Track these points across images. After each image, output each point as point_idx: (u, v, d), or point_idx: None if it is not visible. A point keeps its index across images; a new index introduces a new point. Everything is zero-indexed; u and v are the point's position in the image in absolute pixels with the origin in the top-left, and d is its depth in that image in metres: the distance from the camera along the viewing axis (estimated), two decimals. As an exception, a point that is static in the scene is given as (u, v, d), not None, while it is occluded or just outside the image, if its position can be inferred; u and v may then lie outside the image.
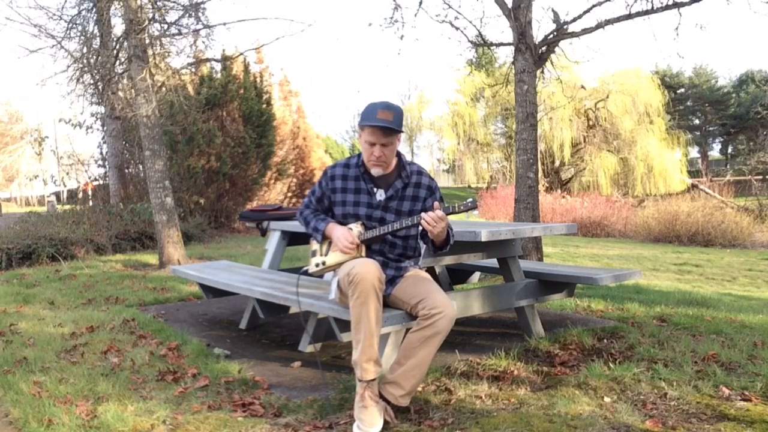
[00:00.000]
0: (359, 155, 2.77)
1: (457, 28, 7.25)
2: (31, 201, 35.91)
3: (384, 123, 2.56)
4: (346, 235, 2.64)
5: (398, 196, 2.73)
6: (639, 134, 24.48)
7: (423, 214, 2.52)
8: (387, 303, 2.74)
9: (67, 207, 13.04)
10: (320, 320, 3.53)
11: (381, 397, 2.49)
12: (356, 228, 2.68)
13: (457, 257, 3.57)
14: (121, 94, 9.97)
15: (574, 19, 6.50)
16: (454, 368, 3.13)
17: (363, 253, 2.66)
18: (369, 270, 2.44)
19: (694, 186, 23.29)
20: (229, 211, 13.70)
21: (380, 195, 2.73)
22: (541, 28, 19.17)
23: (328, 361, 3.41)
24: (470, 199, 2.52)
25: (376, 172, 2.70)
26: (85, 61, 9.06)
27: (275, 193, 16.14)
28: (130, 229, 9.68)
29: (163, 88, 8.03)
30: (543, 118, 23.35)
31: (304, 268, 2.99)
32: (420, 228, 2.74)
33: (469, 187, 33.06)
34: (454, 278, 4.82)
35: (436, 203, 2.55)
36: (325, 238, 2.76)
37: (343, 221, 2.76)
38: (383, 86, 76.21)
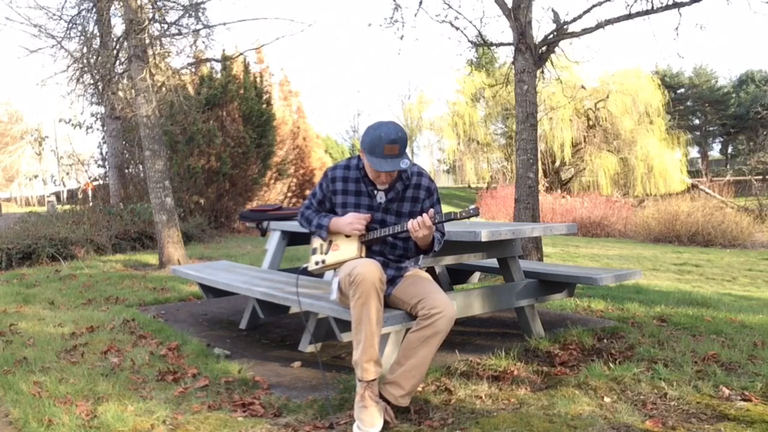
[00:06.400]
0: (359, 157, 2.76)
1: (457, 28, 7.26)
2: (31, 201, 35.94)
3: (392, 166, 2.51)
4: (350, 218, 2.64)
5: (399, 198, 2.73)
6: (639, 134, 24.47)
7: (411, 220, 2.52)
8: (387, 303, 2.74)
9: (67, 207, 13.04)
10: (320, 320, 3.53)
11: (381, 397, 2.49)
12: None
13: (457, 257, 3.57)
14: (121, 94, 9.97)
15: (574, 19, 6.50)
16: (454, 368, 3.13)
17: (363, 254, 2.66)
18: (370, 270, 2.44)
19: (694, 186, 23.29)
20: (229, 211, 13.70)
21: (381, 197, 2.73)
22: (541, 28, 19.21)
23: (328, 361, 3.41)
24: (472, 207, 2.52)
25: (383, 187, 2.70)
26: (85, 61, 9.06)
27: (275, 193, 16.14)
28: (130, 229, 9.68)
29: (163, 88, 8.04)
30: (543, 118, 23.34)
31: (304, 266, 2.99)
32: None
33: (469, 187, 33.04)
34: (454, 278, 4.82)
35: (431, 210, 2.55)
36: (330, 233, 2.75)
37: None
38: (383, 86, 76.18)
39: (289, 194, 17.50)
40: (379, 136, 2.52)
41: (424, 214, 2.51)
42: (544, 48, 6.53)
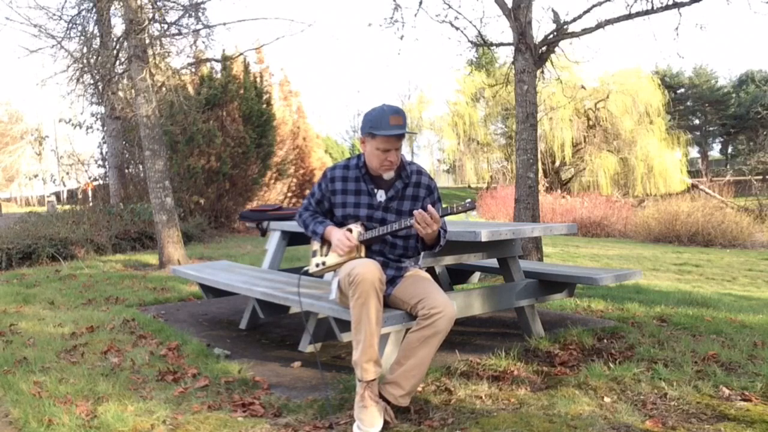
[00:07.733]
0: (359, 156, 2.76)
1: (457, 28, 7.26)
2: (31, 201, 35.95)
3: (400, 130, 2.56)
4: (343, 239, 2.62)
5: (399, 197, 2.73)
6: (639, 134, 24.48)
7: (416, 212, 2.48)
8: (387, 303, 2.73)
9: (67, 207, 13.04)
10: (320, 320, 3.53)
11: (381, 397, 2.49)
12: (356, 228, 2.67)
13: (457, 257, 3.57)
14: (121, 94, 9.98)
15: (574, 19, 6.50)
16: (454, 368, 3.13)
17: (363, 254, 2.66)
18: (369, 270, 2.44)
19: (694, 186, 23.28)
20: (229, 211, 13.70)
21: (381, 196, 2.73)
22: (541, 28, 19.18)
23: (328, 361, 3.41)
24: (468, 200, 2.51)
25: (388, 175, 2.70)
26: (85, 61, 9.06)
27: (275, 193, 16.14)
28: (130, 229, 9.69)
29: (163, 88, 8.04)
30: (543, 118, 23.34)
31: (305, 269, 2.99)
32: None
33: (469, 187, 33.02)
34: (454, 278, 4.82)
35: (429, 206, 2.54)
36: (325, 241, 2.76)
37: (344, 222, 2.76)
38: (383, 86, 76.27)
39: (289, 194, 17.50)
40: (382, 110, 2.58)
41: (429, 208, 2.47)
42: (544, 48, 6.53)
